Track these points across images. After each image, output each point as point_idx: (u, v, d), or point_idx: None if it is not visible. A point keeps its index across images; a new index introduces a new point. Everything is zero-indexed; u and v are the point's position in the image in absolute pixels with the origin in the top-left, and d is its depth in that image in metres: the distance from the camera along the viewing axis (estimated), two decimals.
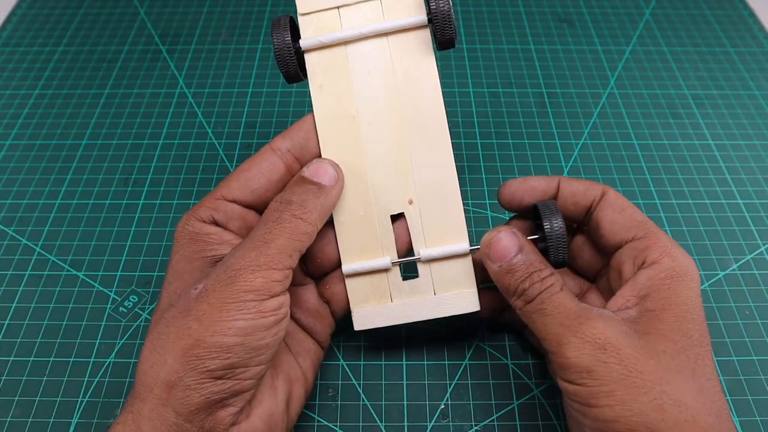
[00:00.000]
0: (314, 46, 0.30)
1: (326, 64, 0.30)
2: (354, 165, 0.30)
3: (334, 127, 0.30)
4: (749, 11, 0.57)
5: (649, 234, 0.28)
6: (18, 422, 0.32)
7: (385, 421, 0.32)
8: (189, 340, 0.24)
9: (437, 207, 0.30)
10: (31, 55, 0.52)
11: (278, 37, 0.29)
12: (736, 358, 0.34)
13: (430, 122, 0.30)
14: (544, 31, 0.55)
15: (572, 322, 0.25)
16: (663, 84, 0.50)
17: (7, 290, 0.37)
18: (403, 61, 0.30)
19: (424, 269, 0.30)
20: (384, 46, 0.30)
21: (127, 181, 0.43)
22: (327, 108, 0.30)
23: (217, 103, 0.48)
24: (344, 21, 0.30)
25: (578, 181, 0.31)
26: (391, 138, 0.30)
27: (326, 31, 0.30)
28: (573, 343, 0.25)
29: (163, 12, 0.56)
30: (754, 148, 0.45)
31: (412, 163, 0.30)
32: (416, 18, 0.29)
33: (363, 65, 0.30)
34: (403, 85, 0.30)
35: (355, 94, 0.30)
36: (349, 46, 0.30)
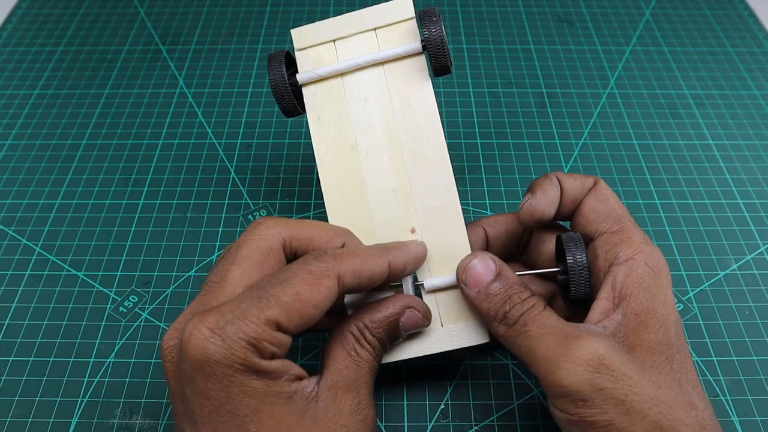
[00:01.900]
0: (311, 79, 0.30)
1: (323, 96, 0.30)
2: (354, 194, 0.29)
3: (333, 159, 0.30)
4: (749, 11, 0.57)
5: (624, 228, 0.27)
6: (18, 422, 0.32)
7: (385, 421, 0.32)
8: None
9: (440, 234, 0.29)
10: (31, 55, 0.52)
11: (275, 72, 0.29)
12: (736, 358, 0.34)
13: (429, 148, 0.29)
14: (544, 31, 0.55)
15: (560, 343, 0.24)
16: (663, 84, 0.50)
17: (7, 290, 0.37)
18: (399, 89, 0.30)
19: (430, 300, 0.29)
20: (380, 75, 0.30)
21: (127, 181, 0.43)
22: (326, 140, 0.30)
23: (217, 103, 0.48)
24: (340, 53, 0.30)
25: (573, 176, 0.30)
26: (390, 166, 0.30)
27: (323, 64, 0.30)
28: (565, 368, 0.23)
29: (163, 12, 0.56)
30: (754, 148, 0.45)
31: (412, 190, 0.29)
32: (411, 46, 0.30)
33: (360, 94, 0.30)
34: (401, 112, 0.30)
35: (353, 124, 0.30)
36: (346, 77, 0.30)
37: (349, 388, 0.25)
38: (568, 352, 0.24)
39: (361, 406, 0.25)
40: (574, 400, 0.23)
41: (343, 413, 0.24)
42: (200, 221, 0.40)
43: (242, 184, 0.43)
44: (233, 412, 0.22)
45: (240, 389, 0.22)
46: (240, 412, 0.22)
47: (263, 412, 0.23)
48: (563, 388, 0.23)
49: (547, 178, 0.30)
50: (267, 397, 0.23)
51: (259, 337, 0.22)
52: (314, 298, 0.24)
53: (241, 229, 0.40)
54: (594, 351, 0.23)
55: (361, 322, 0.26)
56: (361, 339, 0.26)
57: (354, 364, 0.25)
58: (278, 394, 0.23)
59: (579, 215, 0.29)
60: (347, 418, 0.24)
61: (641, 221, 0.40)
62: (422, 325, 0.28)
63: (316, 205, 0.41)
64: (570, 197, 0.29)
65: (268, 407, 0.23)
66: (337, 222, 0.29)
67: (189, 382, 0.23)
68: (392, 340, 0.27)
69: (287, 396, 0.23)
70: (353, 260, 0.25)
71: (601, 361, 0.23)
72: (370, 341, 0.26)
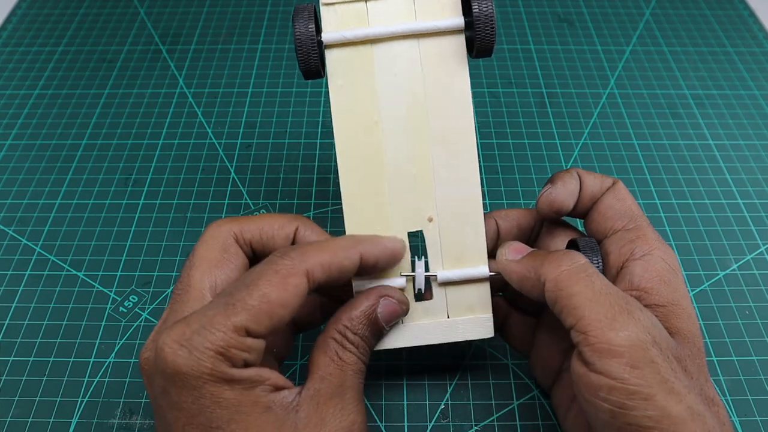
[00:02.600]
0: (338, 41, 0.27)
1: (349, 62, 0.27)
2: (372, 175, 0.28)
3: (353, 133, 0.27)
4: (749, 11, 0.57)
5: (639, 227, 0.27)
6: (18, 422, 0.32)
7: (385, 421, 0.32)
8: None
9: (458, 227, 0.28)
10: (31, 55, 0.52)
11: (301, 26, 0.26)
12: (736, 358, 0.34)
13: (457, 135, 0.28)
14: (544, 31, 0.55)
15: (623, 305, 0.23)
16: (663, 84, 0.50)
17: (7, 290, 0.37)
18: (433, 67, 0.27)
19: (439, 291, 0.28)
20: (414, 49, 0.27)
21: (127, 181, 0.43)
22: (346, 111, 0.27)
23: (217, 103, 0.48)
24: (372, 16, 0.27)
25: (593, 174, 0.29)
26: (414, 149, 0.28)
27: (351, 26, 0.27)
28: (627, 328, 0.22)
29: (163, 12, 0.56)
30: (754, 148, 0.45)
31: (435, 178, 0.28)
32: (453, 21, 0.27)
33: (389, 66, 0.27)
34: (432, 92, 0.27)
35: (378, 98, 0.27)
36: (377, 45, 0.27)
37: (333, 395, 0.24)
38: (632, 313, 0.23)
39: (345, 412, 0.24)
40: (624, 364, 0.22)
41: (326, 422, 0.24)
42: (200, 221, 0.40)
43: (242, 184, 0.43)
44: (206, 424, 0.22)
45: (211, 401, 0.22)
46: (212, 424, 0.22)
47: (237, 423, 0.22)
48: (620, 347, 0.22)
49: (568, 172, 0.29)
50: (240, 407, 0.22)
51: (227, 345, 0.22)
52: (282, 299, 0.23)
53: None
54: (649, 319, 0.23)
55: (340, 324, 0.26)
56: (343, 341, 0.25)
57: (338, 369, 0.25)
58: (254, 405, 0.23)
59: (595, 212, 0.29)
60: (331, 426, 0.24)
61: None
62: (401, 311, 0.27)
63: (317, 205, 0.41)
64: (588, 194, 0.29)
65: (243, 417, 0.22)
66: (352, 204, 0.28)
67: (163, 395, 0.23)
68: (376, 335, 0.27)
69: (264, 406, 0.23)
70: (321, 254, 0.25)
71: (656, 335, 0.23)
72: (353, 341, 0.26)
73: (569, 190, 0.28)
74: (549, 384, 0.30)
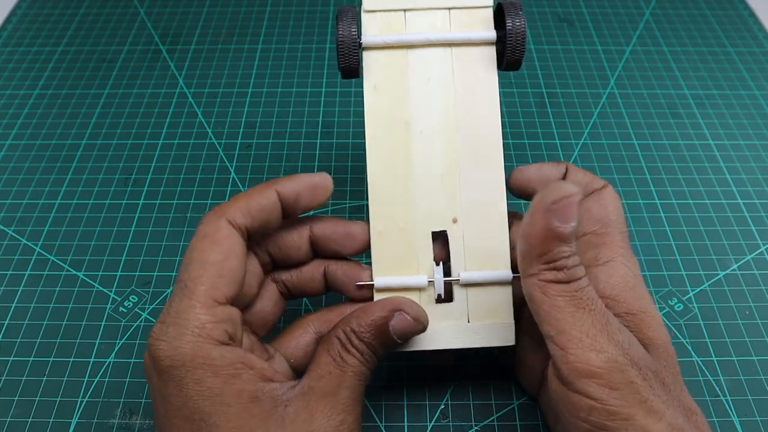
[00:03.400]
0: (377, 44, 0.29)
1: (385, 65, 0.29)
2: (400, 173, 0.29)
3: (384, 133, 0.29)
4: (749, 11, 0.57)
5: (608, 233, 0.27)
6: (18, 422, 0.32)
7: (385, 421, 0.32)
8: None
9: (482, 229, 0.28)
10: (31, 55, 0.52)
11: (345, 27, 0.28)
12: (736, 358, 0.34)
13: (485, 141, 0.29)
14: (544, 31, 0.55)
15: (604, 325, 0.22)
16: (663, 84, 0.50)
17: (7, 290, 0.37)
18: (465, 75, 0.29)
19: (460, 294, 0.28)
20: (447, 57, 0.29)
21: (127, 181, 0.43)
22: (380, 110, 0.29)
23: (217, 103, 0.48)
24: (409, 25, 0.29)
25: (584, 171, 0.29)
26: (442, 151, 0.29)
27: (390, 32, 0.29)
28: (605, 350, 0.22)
29: (163, 12, 0.56)
30: (754, 148, 0.45)
31: (461, 180, 0.29)
32: (486, 33, 0.29)
33: (423, 72, 0.29)
34: (463, 99, 0.29)
35: (411, 100, 0.29)
36: (412, 50, 0.29)
37: (327, 393, 0.24)
38: (612, 334, 0.22)
39: (336, 411, 0.24)
40: (603, 385, 0.22)
41: (314, 419, 0.23)
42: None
43: (242, 184, 0.43)
44: (189, 416, 0.22)
45: (195, 391, 0.22)
46: (196, 416, 0.22)
47: (219, 414, 0.22)
48: (599, 368, 0.22)
49: (556, 162, 0.29)
50: (223, 397, 0.22)
51: (200, 323, 0.23)
52: (216, 253, 0.24)
53: None
54: (627, 339, 0.23)
55: (348, 327, 0.25)
56: (347, 344, 0.25)
57: (338, 369, 0.25)
58: (238, 394, 0.23)
59: None
60: (318, 424, 0.23)
61: (641, 221, 0.40)
62: (416, 328, 0.26)
63: None
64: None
65: (225, 409, 0.22)
66: (378, 200, 0.28)
67: (154, 391, 0.23)
68: (385, 345, 0.26)
69: (250, 396, 0.23)
70: (237, 201, 0.26)
71: (634, 354, 0.22)
72: (357, 346, 0.25)
73: (542, 174, 0.28)
74: (535, 390, 0.30)
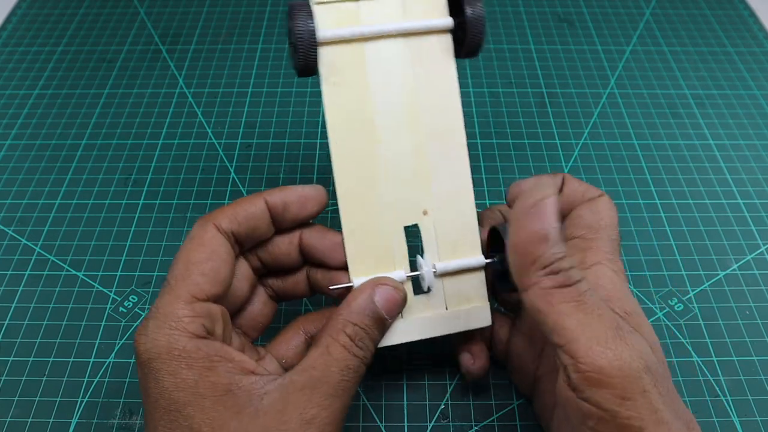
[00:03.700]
0: (332, 39, 0.27)
1: (342, 60, 0.28)
2: (367, 171, 0.28)
3: (346, 129, 0.28)
4: (749, 11, 0.57)
5: (597, 238, 0.26)
6: (18, 422, 0.32)
7: (385, 421, 0.32)
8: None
9: (452, 218, 0.28)
10: (31, 55, 0.52)
11: (302, 22, 0.26)
12: (736, 358, 0.34)
13: (447, 131, 0.28)
14: (544, 31, 0.55)
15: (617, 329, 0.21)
16: (663, 84, 0.50)
17: (7, 290, 0.37)
18: (423, 65, 0.28)
19: (437, 283, 0.29)
20: (404, 48, 0.28)
21: (127, 181, 0.43)
22: (340, 108, 0.28)
23: (217, 103, 0.48)
24: (363, 16, 0.28)
25: (580, 182, 0.29)
26: (407, 144, 0.28)
27: (345, 25, 0.27)
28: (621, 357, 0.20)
29: (163, 12, 0.56)
30: (754, 147, 0.45)
31: (429, 172, 0.28)
32: (442, 21, 0.28)
33: (381, 64, 0.28)
34: (422, 89, 0.28)
35: (371, 94, 0.28)
36: (368, 43, 0.28)
37: (305, 386, 0.24)
38: (624, 338, 0.21)
39: (311, 404, 0.23)
40: (616, 396, 0.20)
41: (287, 411, 0.23)
42: None
43: (242, 184, 0.43)
44: (166, 408, 0.23)
45: (171, 383, 0.23)
46: (171, 407, 0.23)
47: (193, 406, 0.23)
48: (612, 377, 0.20)
49: (553, 173, 0.29)
50: (197, 389, 0.23)
51: (176, 317, 0.24)
52: (200, 253, 0.25)
53: None
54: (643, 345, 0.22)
55: (339, 318, 0.25)
56: (337, 334, 0.25)
57: (323, 363, 0.24)
58: (213, 386, 0.23)
59: (567, 218, 0.28)
60: (290, 416, 0.23)
61: (641, 221, 0.40)
62: (399, 298, 0.27)
63: None
64: (567, 199, 0.28)
65: (199, 400, 0.23)
66: (346, 200, 0.28)
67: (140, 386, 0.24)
68: (379, 327, 0.26)
69: (224, 388, 0.23)
70: (227, 208, 0.27)
71: (650, 363, 0.21)
72: (350, 333, 0.25)
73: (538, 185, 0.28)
74: (529, 390, 0.30)
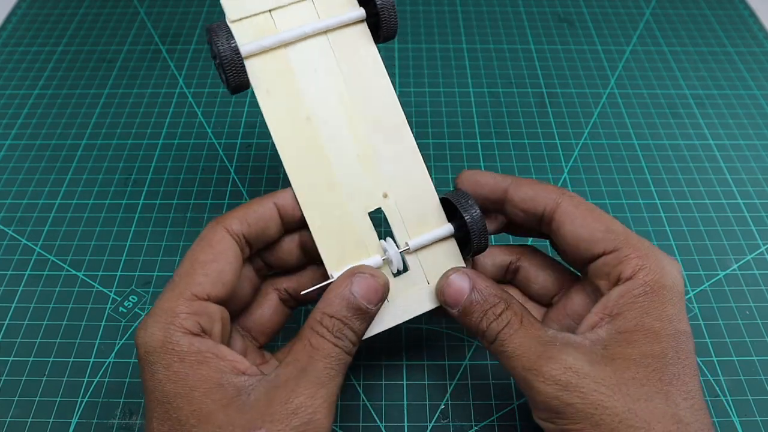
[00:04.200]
0: (256, 51, 0.28)
1: (269, 68, 0.29)
2: (320, 168, 0.29)
3: (290, 132, 0.29)
4: (749, 11, 0.57)
5: (622, 246, 0.26)
6: (18, 422, 0.32)
7: (385, 421, 0.32)
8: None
9: (411, 195, 0.29)
10: (31, 55, 0.52)
11: (224, 43, 0.27)
12: (736, 358, 0.34)
13: (385, 112, 0.30)
14: (544, 31, 0.55)
15: (534, 363, 0.24)
16: (663, 84, 0.50)
17: (7, 290, 0.37)
18: (347, 56, 0.30)
19: (413, 260, 0.29)
20: (325, 44, 0.29)
21: (127, 181, 0.43)
22: (279, 114, 0.29)
23: (217, 103, 0.48)
24: (279, 24, 0.29)
25: (529, 184, 0.29)
26: (351, 134, 0.29)
27: (264, 35, 0.29)
28: (537, 388, 0.24)
29: (163, 12, 0.56)
30: (754, 147, 0.45)
31: (377, 155, 0.29)
32: (354, 13, 0.29)
33: (307, 64, 0.29)
34: (352, 79, 0.29)
35: (305, 95, 0.29)
36: (290, 47, 0.29)
37: (290, 379, 0.24)
38: (540, 372, 0.24)
39: (295, 395, 0.23)
40: (548, 412, 0.24)
41: (272, 404, 0.23)
42: (200, 221, 0.40)
43: (242, 184, 0.43)
44: (160, 399, 0.24)
45: (164, 375, 0.24)
46: (163, 398, 0.24)
47: (182, 398, 0.23)
48: (539, 403, 0.24)
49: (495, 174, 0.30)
50: (187, 381, 0.23)
51: (173, 313, 0.24)
52: (207, 254, 0.26)
53: None
54: (565, 368, 0.24)
55: (318, 312, 0.26)
56: (317, 326, 0.25)
57: (306, 355, 0.25)
58: (203, 379, 0.24)
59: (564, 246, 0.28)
60: (276, 408, 0.23)
61: (641, 221, 0.40)
62: (378, 285, 0.26)
63: None
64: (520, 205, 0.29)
65: (188, 392, 0.23)
66: (306, 198, 0.28)
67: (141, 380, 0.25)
68: (361, 317, 0.26)
69: (214, 382, 0.24)
70: (237, 210, 0.27)
71: (570, 379, 0.24)
72: (328, 325, 0.25)
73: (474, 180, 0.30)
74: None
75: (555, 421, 0.24)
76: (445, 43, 0.53)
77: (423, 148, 0.44)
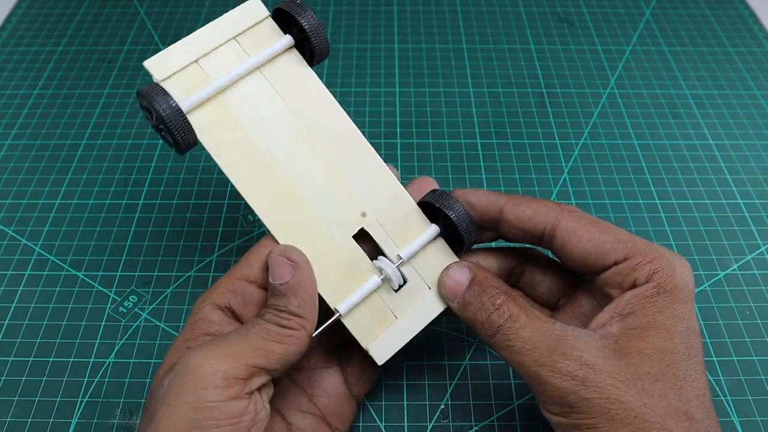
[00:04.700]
0: (195, 104, 0.27)
1: (213, 119, 0.28)
2: (292, 205, 0.28)
3: (252, 178, 0.28)
4: (749, 11, 0.57)
5: (632, 254, 0.26)
6: (18, 422, 0.32)
7: (385, 421, 0.32)
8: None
9: (389, 207, 0.29)
10: (31, 55, 0.52)
11: (165, 104, 0.25)
12: (736, 358, 0.34)
13: (339, 131, 0.29)
14: (544, 31, 0.55)
15: (546, 359, 0.24)
16: (663, 84, 0.50)
17: (7, 290, 0.37)
18: (285, 87, 0.29)
19: (409, 270, 0.29)
20: (261, 80, 0.29)
21: (127, 181, 0.43)
22: (234, 162, 0.28)
23: None
24: (208, 71, 0.28)
25: (526, 203, 0.28)
26: (313, 162, 0.29)
27: (197, 87, 0.27)
28: (552, 383, 0.24)
29: (163, 12, 0.56)
30: (754, 147, 0.45)
31: (344, 176, 0.29)
32: (282, 42, 0.29)
33: (249, 104, 0.28)
34: (297, 107, 0.29)
35: (256, 135, 0.28)
36: (227, 92, 0.28)
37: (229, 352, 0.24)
38: (554, 367, 0.24)
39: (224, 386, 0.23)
40: (561, 407, 0.24)
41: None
42: (200, 221, 0.40)
43: None
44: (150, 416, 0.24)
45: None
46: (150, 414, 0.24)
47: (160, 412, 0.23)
48: (552, 398, 0.24)
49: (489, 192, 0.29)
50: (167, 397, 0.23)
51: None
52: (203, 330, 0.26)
53: (241, 229, 0.40)
54: (581, 362, 0.24)
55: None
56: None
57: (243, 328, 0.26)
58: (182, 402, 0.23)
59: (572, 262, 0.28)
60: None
61: (641, 221, 0.40)
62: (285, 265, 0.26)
63: None
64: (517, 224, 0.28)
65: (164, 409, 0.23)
66: (286, 240, 0.28)
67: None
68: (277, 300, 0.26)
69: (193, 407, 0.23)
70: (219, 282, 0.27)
71: (587, 375, 0.24)
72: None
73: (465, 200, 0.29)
74: None
75: (568, 415, 0.24)
76: (445, 43, 0.53)
77: (423, 148, 0.44)
